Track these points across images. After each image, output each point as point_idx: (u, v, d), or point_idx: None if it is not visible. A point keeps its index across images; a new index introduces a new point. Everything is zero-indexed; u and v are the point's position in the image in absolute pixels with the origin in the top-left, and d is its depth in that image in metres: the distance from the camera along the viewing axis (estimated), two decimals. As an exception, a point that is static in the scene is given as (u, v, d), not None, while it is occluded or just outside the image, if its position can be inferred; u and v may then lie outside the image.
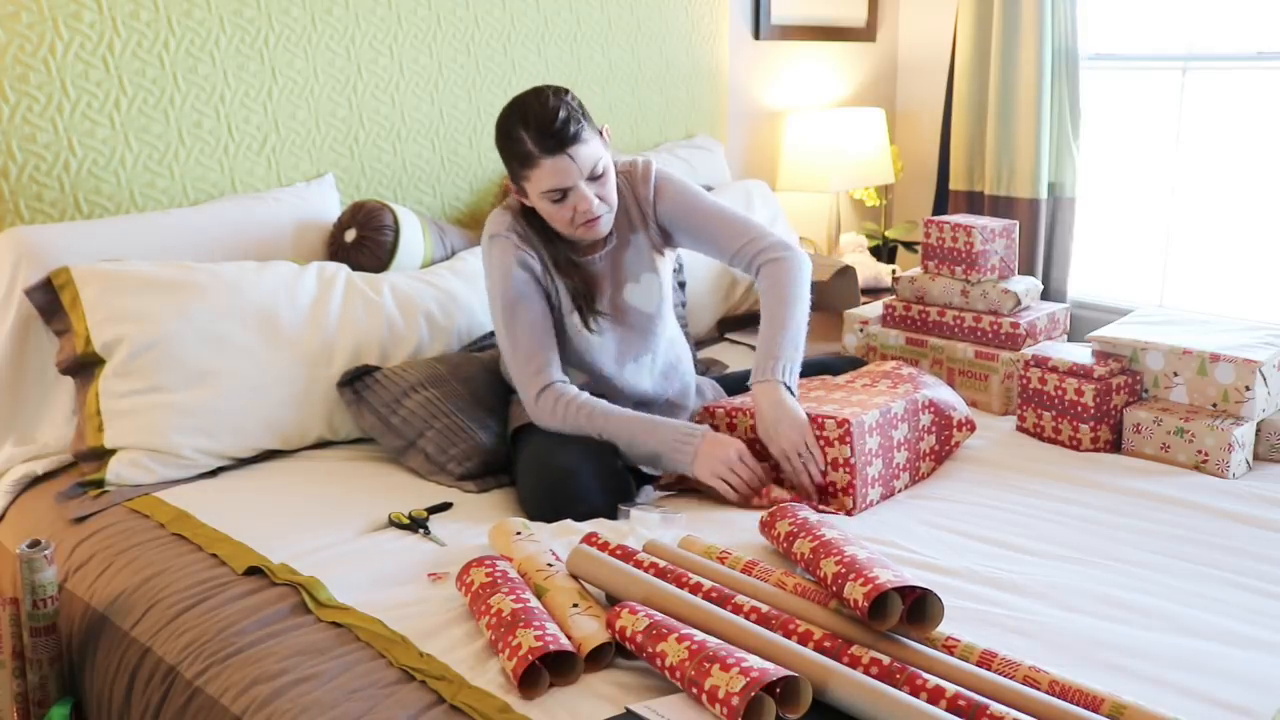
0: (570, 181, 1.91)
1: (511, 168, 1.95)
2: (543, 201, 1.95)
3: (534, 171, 1.91)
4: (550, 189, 1.91)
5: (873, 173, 3.57)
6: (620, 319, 2.10)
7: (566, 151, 1.88)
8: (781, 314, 2.04)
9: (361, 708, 1.33)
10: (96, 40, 2.19)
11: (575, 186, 1.92)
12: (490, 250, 2.03)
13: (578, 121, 1.90)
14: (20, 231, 2.11)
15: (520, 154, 1.91)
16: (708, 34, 3.32)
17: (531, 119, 1.89)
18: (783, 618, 1.42)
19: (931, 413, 2.08)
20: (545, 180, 1.91)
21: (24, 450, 2.10)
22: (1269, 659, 1.43)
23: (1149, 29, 3.41)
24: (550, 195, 1.92)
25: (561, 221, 1.96)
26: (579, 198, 1.92)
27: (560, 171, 1.89)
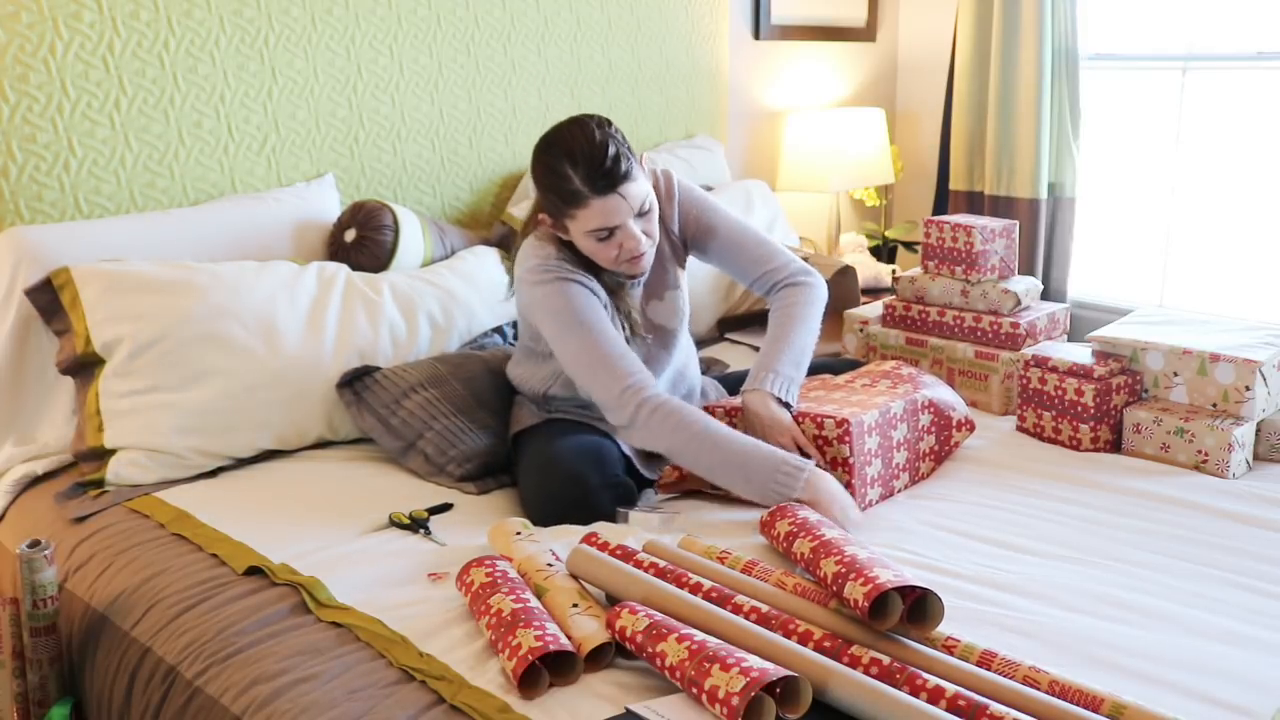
0: (619, 220, 1.85)
1: (552, 203, 1.87)
2: (587, 240, 1.88)
3: (582, 211, 1.84)
4: (598, 228, 1.85)
5: (873, 173, 3.57)
6: (649, 337, 2.09)
7: (618, 191, 1.82)
8: (788, 331, 2.03)
9: (361, 708, 1.33)
10: (96, 40, 2.19)
11: (624, 225, 1.86)
12: (541, 280, 1.92)
13: (628, 159, 1.84)
14: (20, 231, 2.11)
15: (567, 192, 1.83)
16: (708, 34, 3.32)
17: (580, 156, 1.81)
18: (783, 618, 1.42)
19: (931, 413, 2.08)
20: (594, 220, 1.84)
21: (24, 450, 2.10)
22: (1269, 659, 1.43)
23: (1149, 29, 3.41)
24: (597, 234, 1.86)
25: (606, 259, 1.90)
26: (626, 236, 1.87)
27: (610, 212, 1.83)
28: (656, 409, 1.84)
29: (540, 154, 1.87)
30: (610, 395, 1.87)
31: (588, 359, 1.89)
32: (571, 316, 1.90)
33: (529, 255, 1.97)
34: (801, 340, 2.03)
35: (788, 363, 1.99)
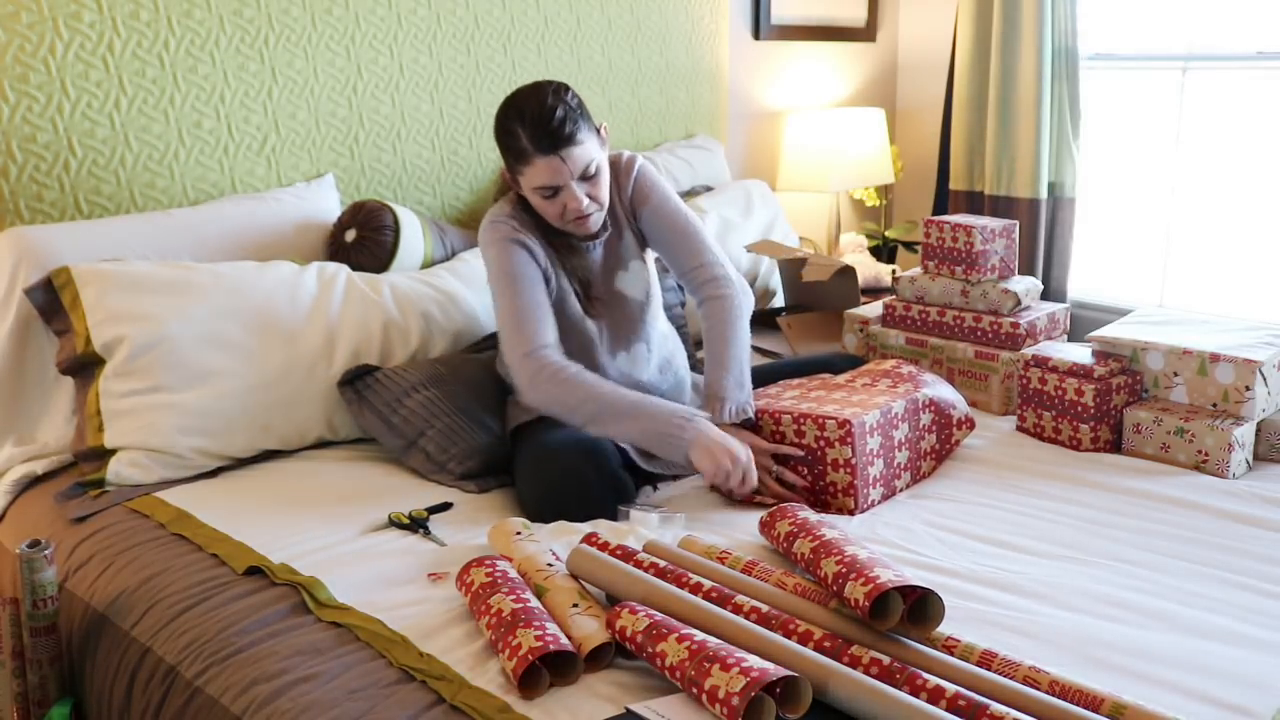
0: (561, 181, 1.95)
1: (507, 159, 1.99)
2: (534, 196, 1.99)
3: (527, 168, 1.95)
4: (541, 186, 1.96)
5: (873, 173, 3.57)
6: (612, 306, 2.13)
7: (559, 153, 1.92)
8: (724, 355, 2.07)
9: (361, 708, 1.33)
10: (96, 40, 2.19)
11: (566, 185, 1.96)
12: (488, 234, 2.05)
13: (574, 122, 1.93)
14: (20, 231, 2.11)
15: (515, 149, 1.94)
16: (708, 34, 3.32)
17: (529, 116, 1.92)
18: (783, 618, 1.42)
19: (932, 411, 2.08)
20: (537, 178, 1.95)
21: (24, 450, 2.10)
22: (1269, 659, 1.43)
23: (1149, 29, 3.41)
24: (541, 191, 1.97)
25: (552, 215, 2.01)
26: (569, 196, 1.97)
27: (552, 171, 1.93)
28: (554, 373, 1.94)
29: (499, 113, 1.98)
30: (514, 356, 1.98)
31: (506, 318, 2.00)
32: (503, 273, 2.01)
33: (489, 213, 2.08)
34: (737, 358, 2.07)
35: (733, 386, 2.03)
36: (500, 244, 2.02)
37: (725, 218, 3.02)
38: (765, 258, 3.09)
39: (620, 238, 2.16)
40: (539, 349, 1.98)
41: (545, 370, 1.95)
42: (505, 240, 2.02)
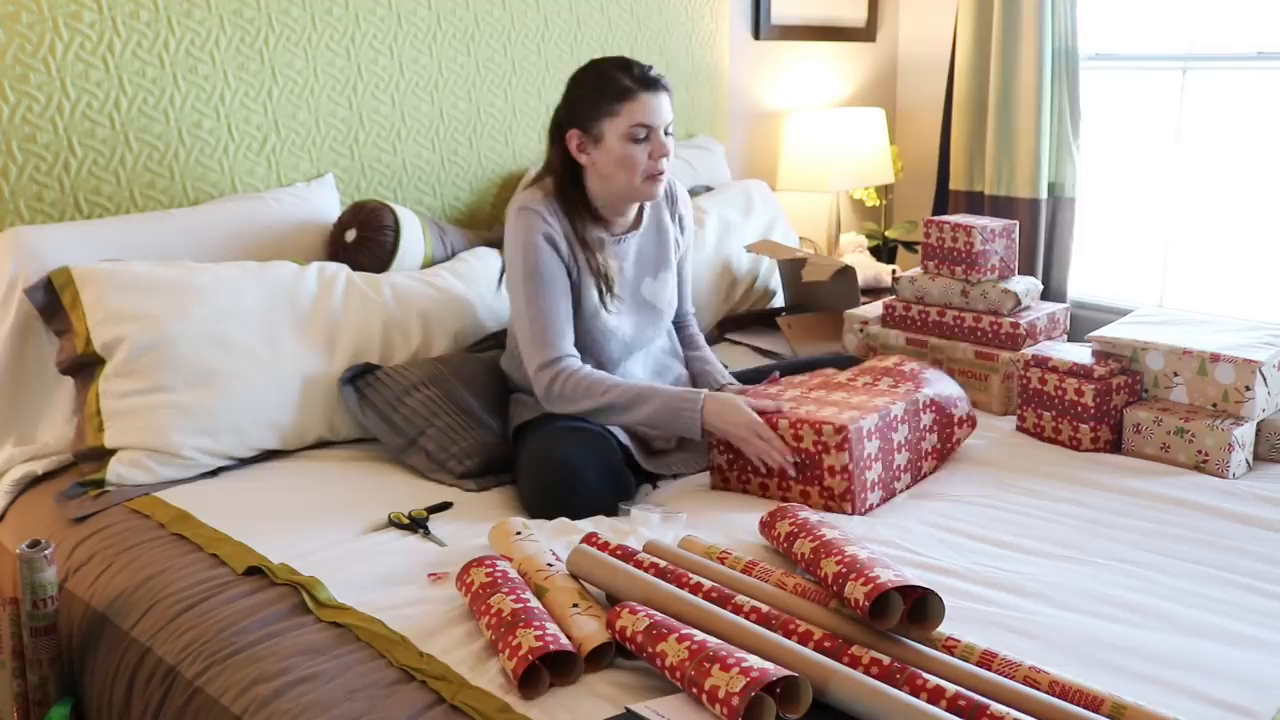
0: (659, 121, 2.01)
1: (596, 106, 2.00)
2: (621, 144, 2.00)
3: (628, 105, 1.98)
4: (640, 123, 1.99)
5: (873, 173, 3.57)
6: (635, 309, 2.16)
7: (660, 91, 2.01)
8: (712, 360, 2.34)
9: (361, 708, 1.33)
10: (96, 40, 2.19)
11: (657, 129, 2.01)
12: (516, 222, 2.05)
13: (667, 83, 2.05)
14: (20, 231, 2.11)
15: (616, 89, 1.99)
16: (708, 34, 3.32)
17: (630, 65, 2.02)
18: (783, 618, 1.42)
19: (933, 412, 2.08)
20: (638, 113, 1.99)
21: (24, 450, 2.10)
22: (1269, 659, 1.43)
23: (1149, 29, 3.41)
24: (635, 132, 2.00)
25: (632, 166, 2.02)
26: (659, 142, 2.02)
27: (654, 109, 2.00)
28: (573, 381, 2.01)
29: (586, 69, 2.05)
30: (533, 363, 2.03)
31: (527, 322, 2.04)
32: (528, 274, 2.03)
33: (517, 198, 2.10)
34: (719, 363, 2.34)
35: None
36: (528, 239, 2.02)
37: (725, 218, 3.01)
38: (765, 258, 3.09)
39: (661, 244, 2.20)
40: (559, 359, 2.02)
41: (561, 379, 2.01)
42: (533, 234, 2.02)
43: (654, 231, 2.20)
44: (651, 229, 2.20)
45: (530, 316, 2.03)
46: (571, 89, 2.06)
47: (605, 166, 2.04)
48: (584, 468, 1.89)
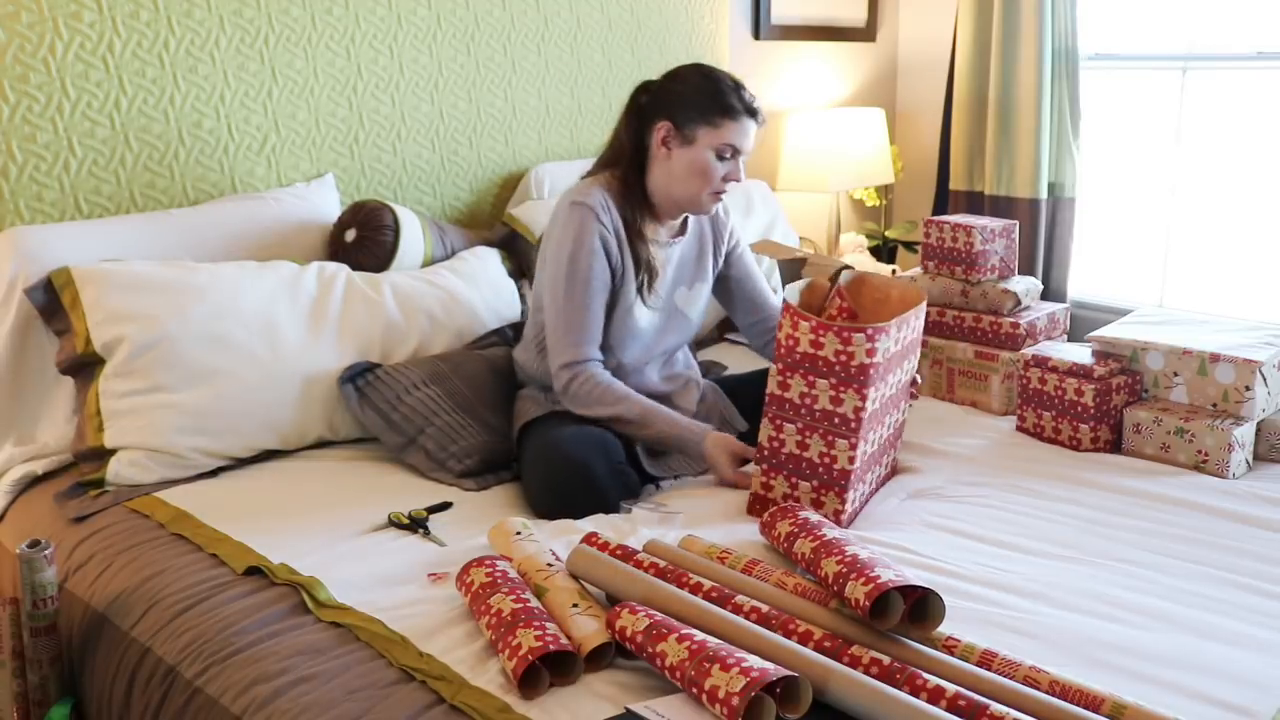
0: (747, 147, 2.07)
1: (700, 112, 2.03)
2: (707, 155, 2.03)
3: (730, 124, 2.03)
4: (730, 144, 2.04)
5: (873, 173, 3.57)
6: (667, 314, 2.18)
7: (759, 122, 2.08)
8: None
9: (361, 708, 1.33)
10: (96, 40, 2.19)
11: (741, 154, 2.07)
12: (570, 216, 2.05)
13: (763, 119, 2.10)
14: (20, 231, 2.11)
15: (726, 106, 2.02)
16: (708, 34, 3.32)
17: (742, 88, 2.06)
18: (783, 618, 1.42)
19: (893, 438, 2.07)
20: (734, 136, 2.04)
21: (24, 450, 2.10)
22: (1269, 659, 1.43)
23: (1149, 29, 3.41)
24: (723, 150, 2.04)
25: (706, 179, 2.05)
26: (737, 166, 2.07)
27: (747, 135, 2.06)
28: (592, 385, 2.03)
29: (701, 71, 2.07)
30: (559, 359, 2.05)
31: (561, 319, 2.05)
32: (571, 272, 2.03)
33: (574, 192, 2.09)
34: None
35: None
36: (580, 238, 2.03)
37: (725, 218, 3.01)
38: (765, 258, 3.09)
39: (700, 257, 2.23)
40: (585, 361, 2.04)
41: (582, 380, 2.03)
42: (587, 234, 2.03)
43: (696, 243, 2.23)
44: (694, 240, 2.22)
45: (568, 313, 2.04)
46: (679, 82, 2.07)
47: (680, 168, 2.05)
48: (593, 466, 1.90)
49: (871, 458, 1.92)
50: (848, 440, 1.81)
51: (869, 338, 1.76)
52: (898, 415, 2.01)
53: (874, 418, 1.86)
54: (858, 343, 1.77)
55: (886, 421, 1.95)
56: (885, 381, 1.86)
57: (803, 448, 1.85)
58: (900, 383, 1.97)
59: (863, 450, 1.84)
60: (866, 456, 1.88)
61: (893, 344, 1.83)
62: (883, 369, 1.82)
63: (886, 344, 1.80)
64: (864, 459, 1.86)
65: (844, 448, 1.81)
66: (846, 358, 1.78)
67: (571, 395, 2.04)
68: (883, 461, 2.00)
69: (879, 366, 1.80)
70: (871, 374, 1.78)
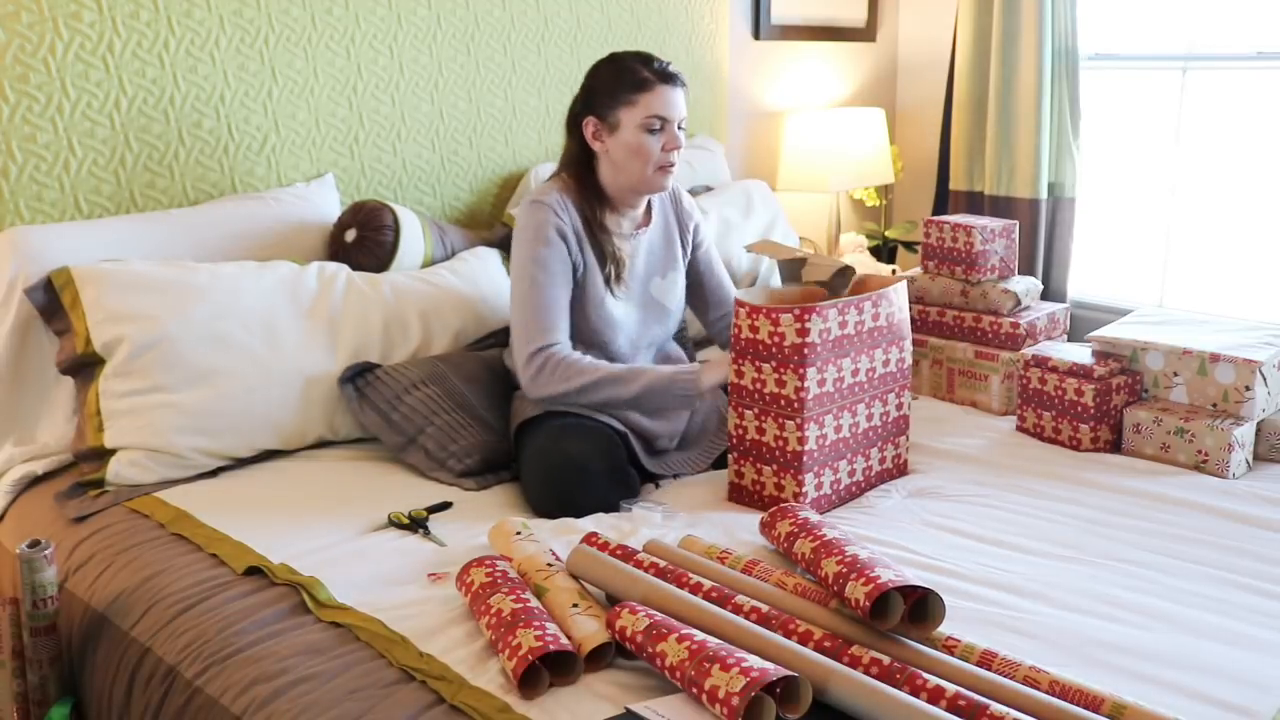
0: (673, 114, 2.07)
1: (613, 95, 2.06)
2: (636, 133, 2.05)
3: (645, 96, 2.05)
4: (655, 114, 2.05)
5: (873, 173, 3.57)
6: (644, 305, 2.19)
7: (677, 86, 2.08)
8: None
9: (361, 708, 1.33)
10: (96, 40, 2.19)
11: (672, 122, 2.07)
12: (527, 214, 2.08)
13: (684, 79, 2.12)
14: (20, 231, 2.11)
15: (635, 80, 2.05)
16: (708, 34, 3.32)
17: (650, 58, 2.08)
18: (783, 618, 1.42)
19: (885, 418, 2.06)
20: (655, 105, 2.05)
21: (24, 450, 2.10)
22: (1269, 659, 1.43)
23: (1149, 29, 3.41)
24: (650, 123, 2.05)
25: (645, 157, 2.07)
26: (671, 135, 2.07)
27: (670, 102, 2.06)
28: (556, 363, 2.02)
29: (607, 60, 2.11)
30: (523, 351, 2.05)
31: (521, 311, 2.06)
32: (529, 266, 2.06)
33: (533, 192, 2.12)
34: None
35: None
36: (535, 234, 2.06)
37: (725, 218, 3.01)
38: (765, 258, 3.09)
39: (669, 245, 2.24)
40: (550, 344, 2.03)
41: (549, 362, 2.02)
42: (544, 228, 2.06)
43: (662, 231, 2.24)
44: (660, 228, 2.24)
45: (530, 304, 2.05)
46: (590, 78, 2.12)
47: (618, 155, 2.08)
48: (591, 464, 1.90)
49: (842, 444, 1.93)
50: (794, 421, 1.85)
51: (797, 318, 1.83)
52: (886, 409, 2.01)
53: (827, 401, 1.88)
54: (785, 323, 1.84)
55: (863, 411, 1.96)
56: (836, 365, 1.89)
57: (760, 432, 1.92)
58: (876, 373, 1.97)
59: (816, 432, 1.87)
60: (829, 441, 1.90)
61: (834, 326, 1.87)
62: (822, 350, 1.86)
63: (819, 324, 1.84)
64: (824, 443, 1.89)
65: (792, 429, 1.86)
66: (779, 338, 1.85)
67: (544, 379, 2.02)
68: (870, 454, 2.00)
69: (814, 347, 1.84)
70: (807, 354, 1.83)
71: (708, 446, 2.19)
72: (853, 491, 1.98)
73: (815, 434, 1.87)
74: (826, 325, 1.86)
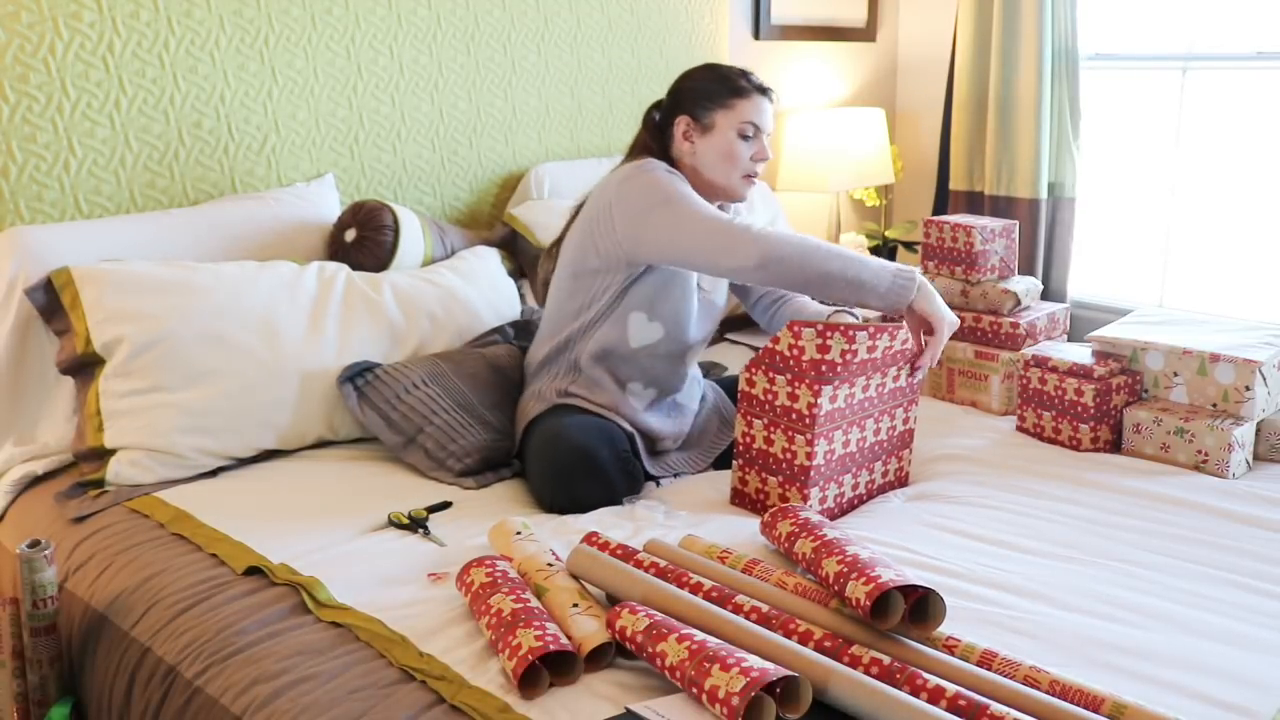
0: (766, 125, 2.09)
1: (712, 98, 2.07)
2: (728, 136, 2.06)
3: (743, 102, 2.06)
4: (749, 121, 2.06)
5: (873, 173, 3.57)
6: (703, 301, 2.17)
7: (771, 100, 2.10)
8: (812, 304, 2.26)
9: (361, 708, 1.33)
10: (96, 40, 2.19)
11: (764, 133, 2.09)
12: (640, 171, 1.99)
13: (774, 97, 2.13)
14: (20, 231, 2.11)
15: (735, 87, 2.07)
16: (708, 34, 3.32)
17: (747, 72, 2.10)
18: (783, 618, 1.42)
19: None
20: (752, 112, 2.07)
21: (24, 450, 2.10)
22: (1269, 659, 1.43)
23: (1149, 29, 3.41)
24: (745, 129, 2.06)
25: (734, 161, 2.07)
26: (762, 144, 2.09)
27: (764, 111, 2.08)
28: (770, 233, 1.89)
29: (705, 66, 2.13)
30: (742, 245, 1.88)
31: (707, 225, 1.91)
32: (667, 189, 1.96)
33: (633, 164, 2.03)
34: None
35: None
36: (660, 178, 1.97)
37: (725, 218, 3.01)
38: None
39: None
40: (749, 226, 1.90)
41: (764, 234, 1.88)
42: (664, 173, 1.99)
43: None
44: None
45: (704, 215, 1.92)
46: (686, 80, 2.12)
47: (708, 157, 2.08)
48: (597, 451, 1.91)
49: (849, 459, 1.93)
50: (804, 436, 1.84)
51: (819, 334, 1.81)
52: (894, 423, 2.01)
53: (838, 417, 1.88)
54: (807, 337, 1.82)
55: (871, 426, 1.95)
56: (851, 384, 1.87)
57: (769, 443, 1.90)
58: (887, 390, 1.97)
59: (825, 448, 1.87)
60: (836, 456, 1.90)
61: (861, 349, 1.85)
62: (842, 370, 1.84)
63: (842, 344, 1.82)
64: (831, 458, 1.89)
65: (801, 443, 1.85)
66: (799, 352, 1.84)
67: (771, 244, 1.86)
68: (874, 468, 2.00)
69: (834, 366, 1.82)
70: (825, 371, 1.82)
71: (708, 447, 2.20)
72: (854, 504, 1.98)
73: (824, 449, 1.87)
74: (851, 347, 1.83)
